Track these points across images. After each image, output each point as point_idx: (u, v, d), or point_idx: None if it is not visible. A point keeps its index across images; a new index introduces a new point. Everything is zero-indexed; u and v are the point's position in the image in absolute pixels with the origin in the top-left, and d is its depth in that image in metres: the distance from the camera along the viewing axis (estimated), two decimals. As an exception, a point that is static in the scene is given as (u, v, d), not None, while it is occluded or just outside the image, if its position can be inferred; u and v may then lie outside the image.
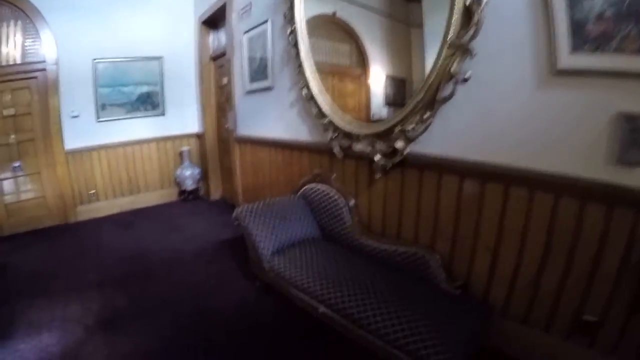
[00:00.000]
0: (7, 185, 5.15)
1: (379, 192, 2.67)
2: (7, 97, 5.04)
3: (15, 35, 5.09)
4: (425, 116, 2.17)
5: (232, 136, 4.71)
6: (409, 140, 2.29)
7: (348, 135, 2.73)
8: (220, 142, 5.65)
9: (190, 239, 4.27)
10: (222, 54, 5.07)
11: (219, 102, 5.52)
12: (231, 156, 4.85)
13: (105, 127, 5.37)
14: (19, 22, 5.02)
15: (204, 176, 5.88)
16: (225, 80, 5.01)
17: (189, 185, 5.72)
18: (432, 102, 2.12)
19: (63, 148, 5.14)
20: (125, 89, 5.43)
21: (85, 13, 5.06)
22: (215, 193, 5.88)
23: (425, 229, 2.40)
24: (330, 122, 2.86)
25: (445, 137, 2.19)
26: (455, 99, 2.05)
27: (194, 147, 5.98)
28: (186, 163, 5.72)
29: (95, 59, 5.19)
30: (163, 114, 5.72)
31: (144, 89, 5.55)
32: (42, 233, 5.01)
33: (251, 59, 4.08)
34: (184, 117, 5.86)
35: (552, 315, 1.91)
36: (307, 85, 3.01)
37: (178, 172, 5.72)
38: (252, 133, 4.25)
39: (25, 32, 5.02)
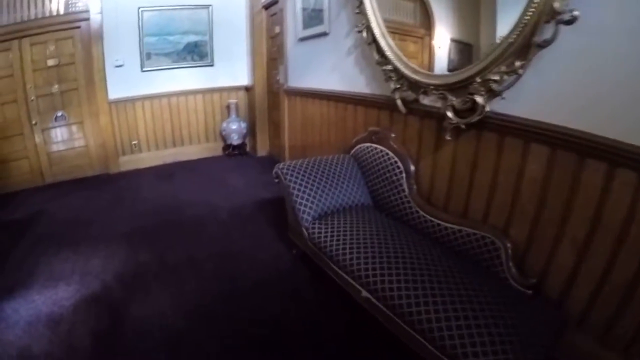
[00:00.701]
0: (50, 134, 5.15)
1: (446, 157, 2.20)
2: (51, 48, 4.95)
3: None
4: (515, 65, 1.67)
5: (281, 88, 4.35)
6: (492, 95, 1.79)
7: (414, 86, 2.26)
8: (269, 95, 5.30)
9: (230, 195, 4.05)
10: (275, 1, 4.65)
11: (270, 53, 5.13)
12: (280, 110, 4.51)
13: (150, 76, 5.18)
14: None
15: (251, 131, 5.61)
16: (277, 29, 4.61)
17: (235, 139, 5.46)
18: (526, 47, 1.61)
19: (106, 97, 5.03)
20: (172, 38, 5.18)
21: (129, -41, 4.83)
22: (262, 149, 5.60)
23: (500, 209, 1.92)
24: (394, 69, 2.39)
25: (540, 94, 1.67)
26: (556, 44, 1.51)
27: (242, 100, 5.68)
28: (233, 117, 5.44)
29: (140, 7, 4.95)
30: (211, 64, 5.44)
31: (192, 38, 5.27)
32: (82, 182, 5.00)
33: (305, 2, 3.64)
34: (232, 69, 5.55)
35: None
36: (368, 27, 2.52)
37: (224, 125, 5.47)
38: (303, 85, 3.85)
39: None
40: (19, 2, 4.95)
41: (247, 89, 5.60)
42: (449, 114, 1.99)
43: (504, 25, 1.69)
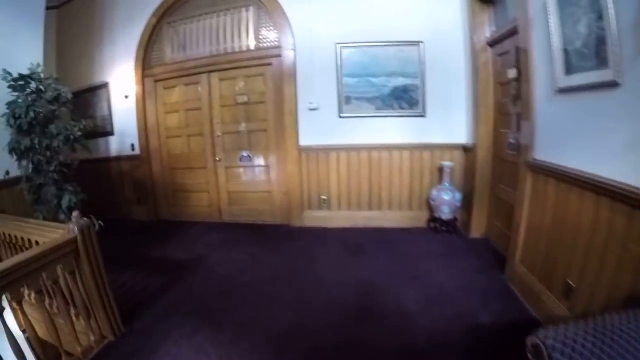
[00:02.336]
0: (234, 173, 5.09)
1: None
2: (241, 85, 4.88)
3: (249, 20, 4.82)
4: None
5: (522, 157, 2.96)
6: None
7: None
8: (496, 161, 3.96)
9: (431, 301, 2.90)
10: (506, 36, 3.43)
11: (500, 105, 3.83)
12: (517, 187, 3.09)
13: (349, 124, 4.57)
14: (253, 5, 4.77)
15: (466, 204, 4.33)
16: (511, 73, 3.32)
17: (445, 213, 4.30)
18: None
19: (297, 143, 4.66)
20: (376, 80, 4.46)
21: (326, -9, 4.36)
22: (477, 230, 4.23)
23: None
24: None
25: None
26: None
27: (458, 163, 4.48)
28: (446, 184, 4.31)
29: (339, 44, 4.42)
30: (422, 114, 4.48)
31: (399, 81, 4.44)
32: (258, 231, 4.77)
33: (567, 35, 2.30)
34: (448, 122, 4.47)
35: None
36: None
37: (434, 193, 4.37)
38: (563, 162, 2.41)
39: (259, 15, 4.75)
40: (209, 36, 5.01)
41: (466, 149, 4.38)
42: None
43: None
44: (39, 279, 2.19)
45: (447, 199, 4.25)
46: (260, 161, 4.97)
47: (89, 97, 6.00)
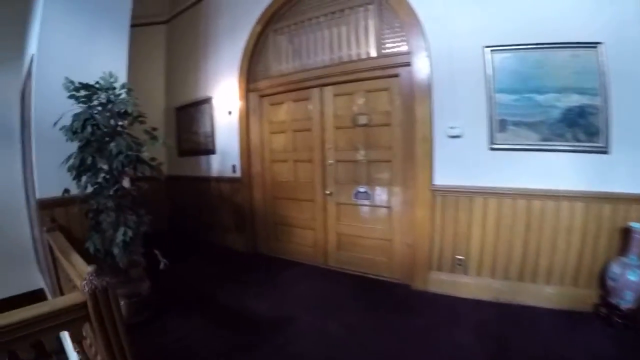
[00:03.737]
0: (346, 211, 4.19)
1: None
2: (359, 101, 3.97)
3: (368, 21, 3.87)
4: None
5: None
6: None
7: None
8: None
9: None
10: None
11: None
12: None
13: (502, 159, 3.35)
14: (373, 3, 3.81)
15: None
16: None
17: (627, 300, 2.87)
18: None
19: (430, 181, 3.57)
20: (541, 98, 3.18)
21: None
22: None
23: None
24: None
25: None
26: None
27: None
28: (633, 257, 2.89)
29: (488, 47, 3.24)
30: (604, 149, 3.07)
31: (574, 100, 3.11)
32: (369, 287, 3.85)
33: None
34: (643, 162, 2.99)
35: None
36: None
37: (614, 269, 2.96)
38: None
39: (381, 15, 3.76)
40: (321, 43, 4.18)
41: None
42: None
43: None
44: (28, 349, 1.64)
45: (633, 280, 2.83)
46: (380, 200, 3.99)
47: (192, 112, 5.70)
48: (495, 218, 3.41)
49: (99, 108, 2.88)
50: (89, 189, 2.91)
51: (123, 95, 2.97)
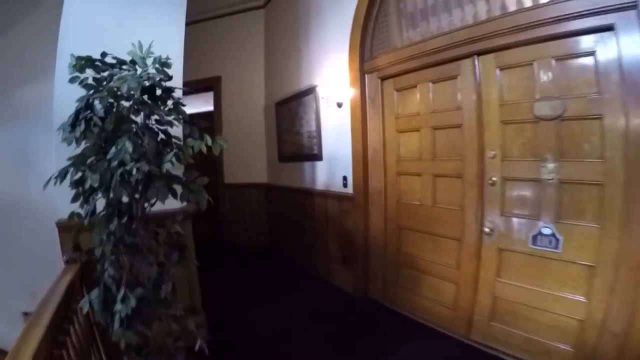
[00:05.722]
0: (513, 262, 2.58)
1: None
2: (544, 77, 2.28)
3: None
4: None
5: None
6: None
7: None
8: None
9: None
10: None
11: None
12: None
13: None
14: None
15: None
16: None
17: None
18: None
19: None
20: None
21: None
22: None
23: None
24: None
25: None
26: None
27: None
28: None
29: None
30: None
31: None
32: None
33: None
34: None
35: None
36: None
37: None
38: None
39: None
40: None
41: None
42: None
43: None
44: None
45: None
46: (578, 250, 2.27)
47: (293, 107, 4.55)
48: None
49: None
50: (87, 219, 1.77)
51: (151, 70, 1.80)
